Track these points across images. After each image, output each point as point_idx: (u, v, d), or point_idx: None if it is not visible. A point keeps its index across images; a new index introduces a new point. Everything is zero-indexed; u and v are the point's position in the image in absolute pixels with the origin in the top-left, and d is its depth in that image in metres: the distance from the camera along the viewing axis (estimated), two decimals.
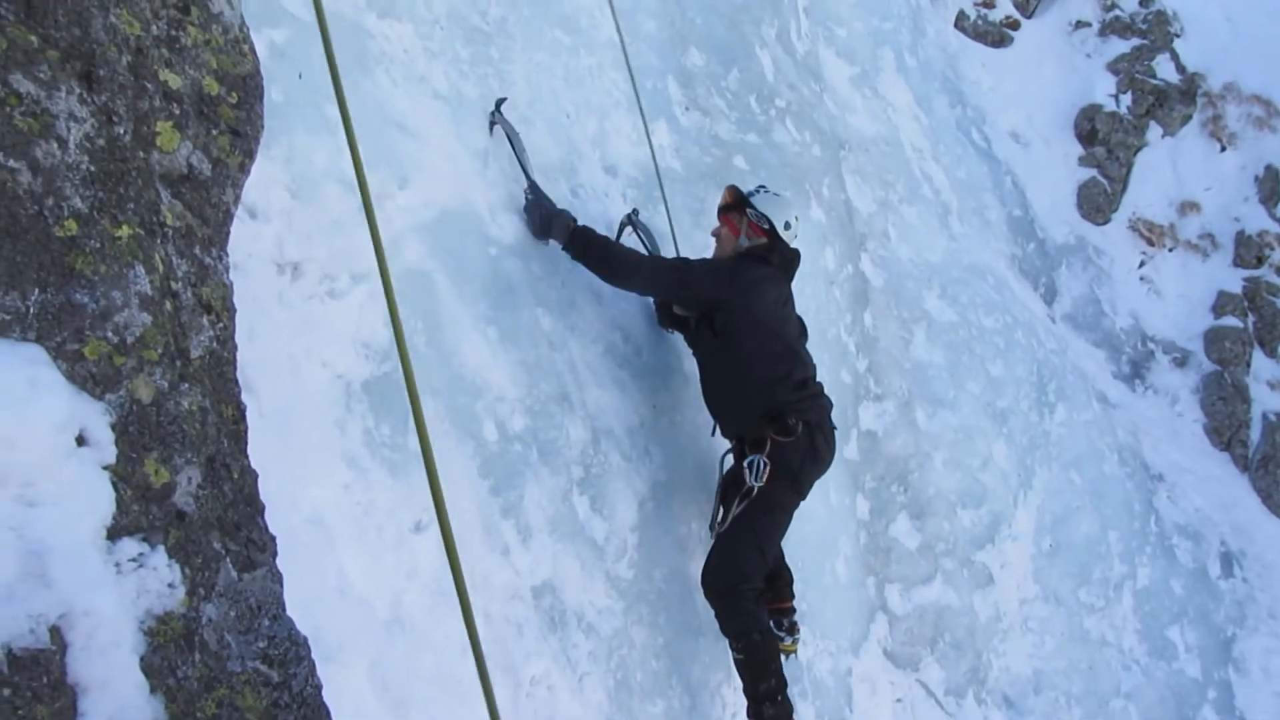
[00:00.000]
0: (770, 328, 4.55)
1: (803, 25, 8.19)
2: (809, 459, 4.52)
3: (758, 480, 4.38)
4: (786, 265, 4.77)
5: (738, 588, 4.42)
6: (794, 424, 4.43)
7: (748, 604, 4.44)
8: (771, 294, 4.60)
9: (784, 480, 4.44)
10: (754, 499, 4.41)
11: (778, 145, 6.64)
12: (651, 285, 4.60)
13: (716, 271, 4.60)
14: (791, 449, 4.43)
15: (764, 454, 4.40)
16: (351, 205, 3.60)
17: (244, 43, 1.95)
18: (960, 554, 7.12)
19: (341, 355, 3.42)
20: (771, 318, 4.57)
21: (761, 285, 4.56)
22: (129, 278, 1.57)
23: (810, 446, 4.51)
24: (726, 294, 4.47)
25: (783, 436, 4.42)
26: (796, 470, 4.48)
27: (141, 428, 1.59)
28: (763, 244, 4.70)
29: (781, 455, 4.41)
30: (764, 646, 4.42)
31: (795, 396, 4.51)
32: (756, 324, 4.49)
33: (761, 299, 4.53)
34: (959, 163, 10.17)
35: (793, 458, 4.44)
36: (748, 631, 4.40)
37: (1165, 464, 9.87)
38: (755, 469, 4.39)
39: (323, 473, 3.21)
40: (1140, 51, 12.47)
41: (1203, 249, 11.81)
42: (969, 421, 7.47)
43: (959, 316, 7.92)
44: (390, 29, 4.26)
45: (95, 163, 1.54)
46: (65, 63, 1.51)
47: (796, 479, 4.51)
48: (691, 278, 4.51)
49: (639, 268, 4.48)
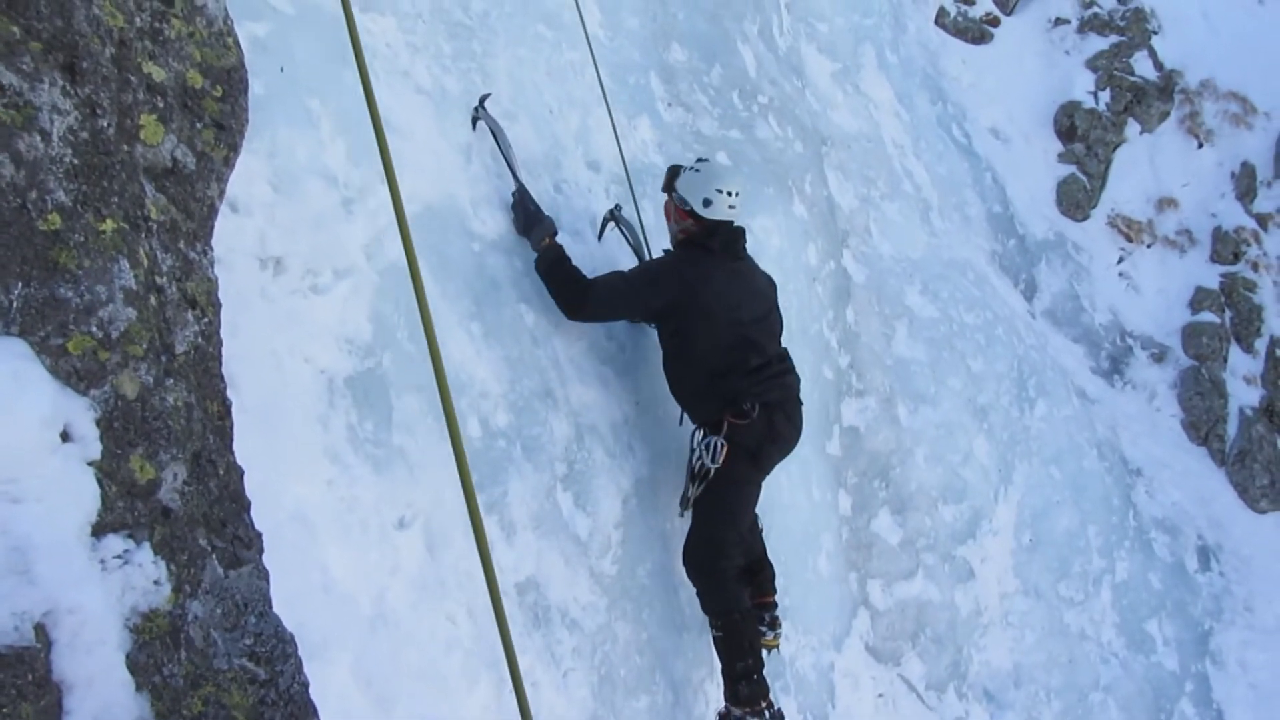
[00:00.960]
0: (723, 319, 4.49)
1: (784, 21, 8.20)
2: (767, 439, 4.55)
3: (714, 462, 4.43)
4: (730, 245, 4.63)
5: (718, 564, 4.48)
6: (749, 408, 4.46)
7: (729, 582, 4.49)
8: (719, 282, 4.51)
9: (743, 460, 4.49)
10: (714, 478, 4.47)
11: (760, 141, 6.65)
12: (614, 309, 4.53)
13: (660, 278, 4.50)
14: (748, 430, 4.47)
15: (720, 435, 4.45)
16: (334, 199, 3.59)
17: (228, 35, 1.94)
18: (941, 549, 7.16)
19: (324, 351, 3.40)
20: (723, 307, 4.49)
21: (709, 277, 4.49)
22: (113, 272, 1.55)
23: (769, 427, 4.53)
24: (675, 297, 4.43)
25: (739, 420, 4.46)
26: (755, 450, 4.52)
27: (126, 424, 1.57)
28: (692, 228, 4.62)
29: (738, 437, 4.46)
30: (743, 625, 4.47)
31: (750, 381, 4.51)
32: (709, 318, 4.47)
33: (709, 290, 4.47)
34: (940, 159, 10.21)
35: (749, 438, 4.48)
36: (728, 610, 4.45)
37: (1144, 459, 9.95)
38: (712, 450, 4.45)
39: (306, 469, 3.19)
40: (1119, 48, 12.56)
41: (1180, 245, 11.90)
42: (950, 417, 7.51)
43: (940, 312, 7.96)
44: (373, 23, 4.24)
45: (79, 156, 1.53)
46: (48, 54, 1.49)
47: (755, 457, 4.54)
48: (638, 294, 4.46)
49: (585, 298, 4.36)
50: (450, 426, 2.09)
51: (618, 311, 4.58)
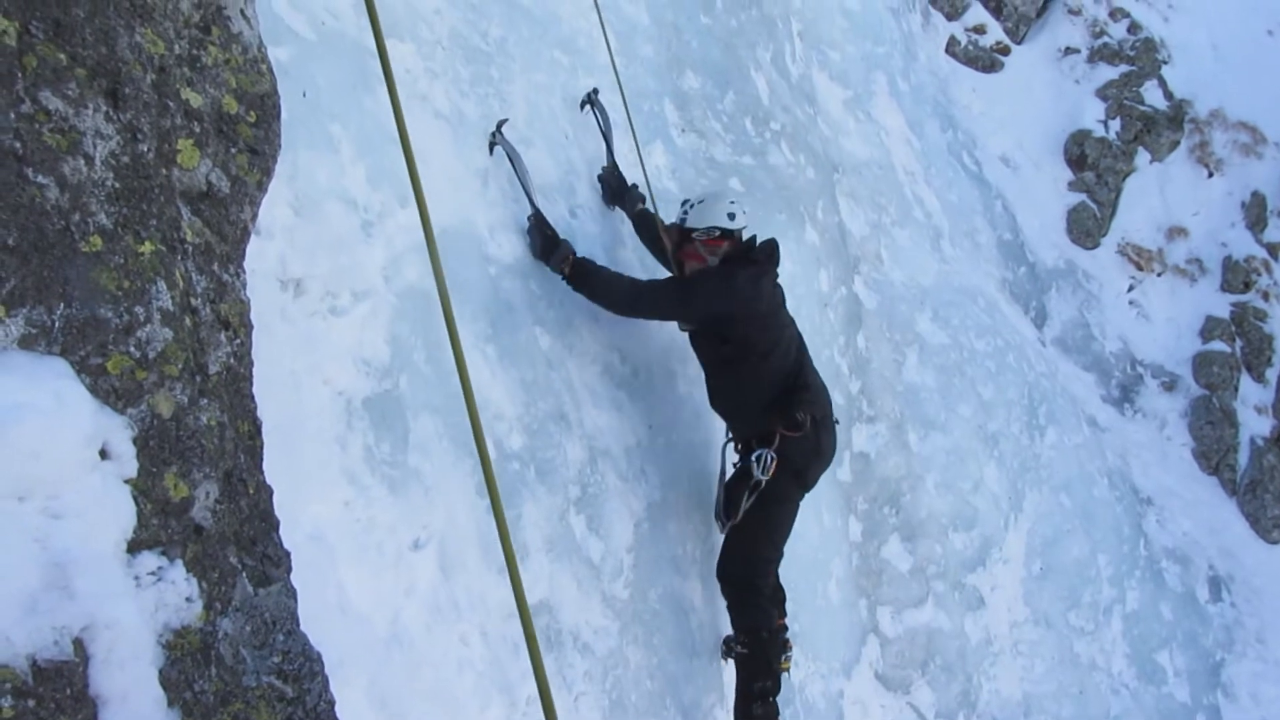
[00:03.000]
0: (776, 327, 4.60)
1: (797, 49, 8.27)
2: (814, 455, 4.59)
3: (764, 474, 4.43)
4: (770, 256, 4.72)
5: (754, 582, 4.53)
6: (802, 419, 4.48)
7: (764, 600, 4.54)
8: (768, 291, 4.62)
9: (789, 474, 4.52)
10: (762, 492, 4.48)
11: (772, 168, 6.69)
12: (654, 310, 4.60)
13: (716, 286, 4.53)
14: (798, 445, 4.50)
15: (771, 448, 4.46)
16: (354, 222, 3.62)
17: (262, 62, 1.98)
18: (951, 577, 7.14)
19: (342, 372, 3.43)
20: (775, 316, 4.62)
21: (759, 285, 4.56)
22: (151, 293, 1.58)
23: (816, 442, 4.57)
24: (730, 306, 4.48)
25: (791, 432, 4.47)
26: (802, 466, 4.55)
27: (162, 442, 1.60)
28: (729, 249, 4.65)
29: (788, 450, 4.48)
30: (769, 646, 4.50)
31: (804, 391, 4.57)
32: (765, 327, 4.55)
33: (762, 300, 4.55)
34: (950, 186, 10.25)
35: (798, 453, 4.51)
36: (758, 628, 4.49)
37: (1154, 488, 9.93)
38: (762, 463, 4.45)
39: (324, 489, 3.21)
40: (1129, 78, 12.63)
41: (1190, 274, 11.92)
42: (960, 444, 7.51)
43: (951, 339, 7.98)
44: (393, 49, 4.27)
45: (120, 179, 1.56)
46: (92, 81, 1.53)
47: (801, 474, 4.58)
48: (693, 297, 4.52)
49: (639, 296, 4.48)
50: (482, 457, 2.10)
51: (673, 313, 4.60)
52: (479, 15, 4.79)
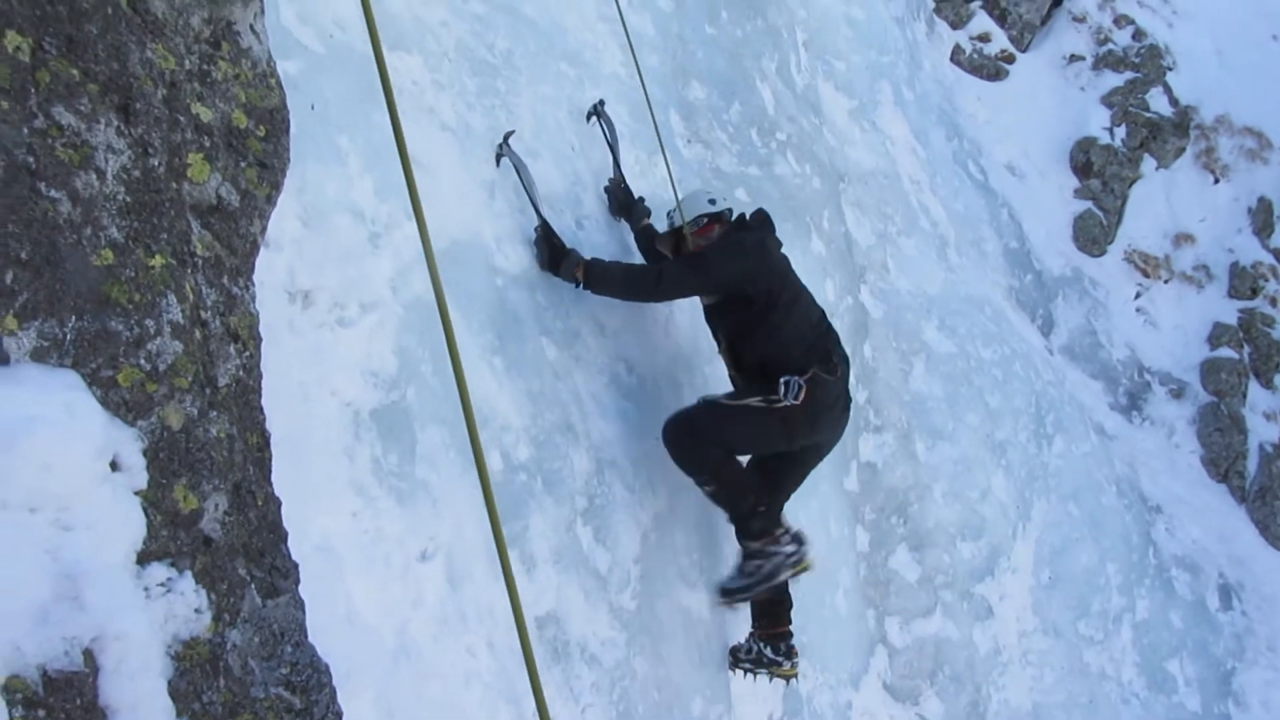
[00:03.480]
0: (794, 283, 4.66)
1: (802, 59, 8.29)
2: (839, 405, 4.54)
3: (793, 398, 4.30)
4: (763, 223, 4.82)
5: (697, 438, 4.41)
6: (836, 362, 4.47)
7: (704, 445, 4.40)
8: (775, 250, 4.71)
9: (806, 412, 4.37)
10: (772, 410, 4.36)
11: (778, 178, 6.71)
12: (676, 288, 4.59)
13: (726, 249, 4.59)
14: (828, 387, 4.42)
15: (804, 378, 4.35)
16: (361, 234, 3.64)
17: (271, 76, 1.99)
18: (960, 586, 7.12)
19: (350, 383, 3.44)
20: (788, 273, 4.68)
21: (764, 244, 4.66)
22: (161, 306, 1.60)
23: (844, 393, 4.55)
24: (745, 263, 4.51)
25: (827, 374, 4.42)
26: (824, 407, 4.44)
27: (171, 454, 1.61)
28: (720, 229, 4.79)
29: (816, 388, 4.37)
30: (727, 467, 4.43)
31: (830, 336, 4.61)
32: (783, 279, 4.60)
33: (771, 255, 4.64)
34: (956, 195, 10.25)
35: (825, 395, 4.41)
36: (711, 458, 4.40)
37: (1163, 495, 9.90)
38: (791, 388, 4.32)
39: (332, 501, 3.22)
40: (1134, 85, 12.63)
41: (1198, 280, 11.90)
42: (968, 453, 7.50)
43: (957, 348, 7.97)
44: (400, 61, 4.31)
45: (131, 193, 1.58)
46: (104, 96, 1.54)
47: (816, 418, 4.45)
48: (709, 264, 4.52)
49: (659, 277, 4.52)
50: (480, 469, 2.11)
51: (696, 284, 4.59)
52: (486, 28, 4.82)
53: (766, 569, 4.40)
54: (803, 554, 4.44)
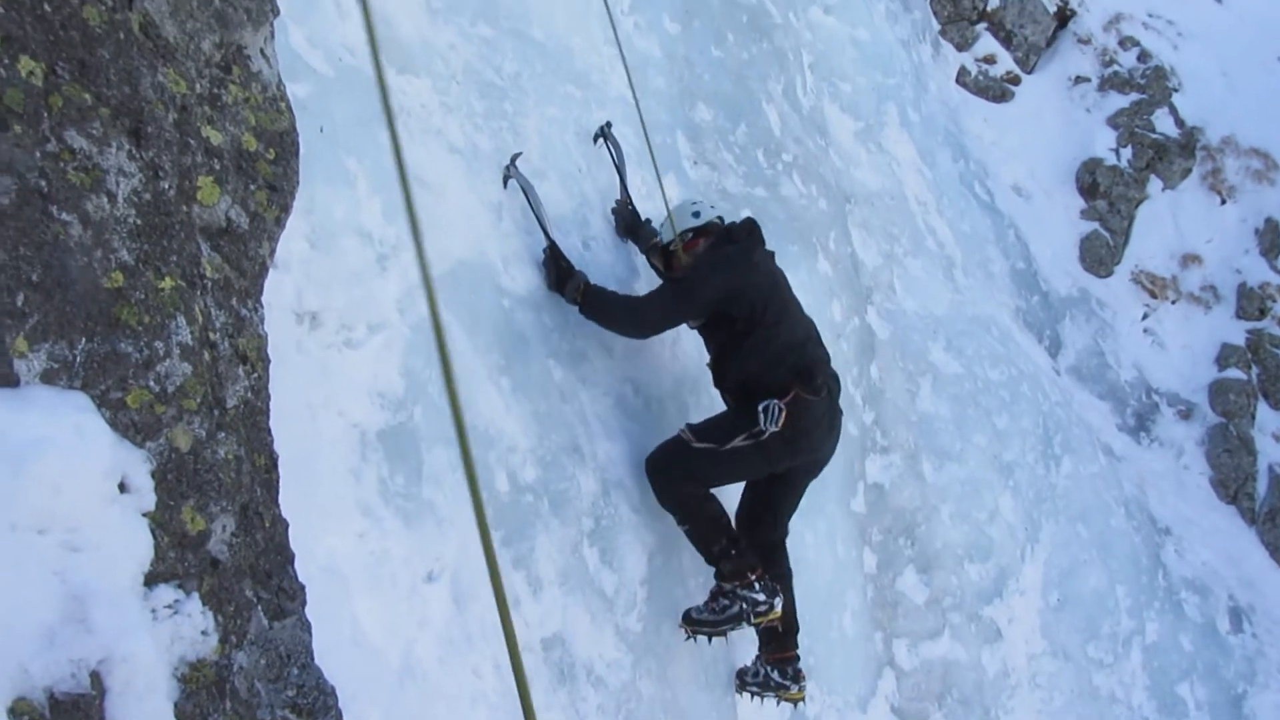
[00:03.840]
0: (780, 299, 4.58)
1: (808, 81, 8.32)
2: (824, 426, 4.49)
3: (773, 424, 4.26)
4: (752, 233, 4.76)
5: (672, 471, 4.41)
6: (820, 383, 4.42)
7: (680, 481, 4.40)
8: (763, 263, 4.64)
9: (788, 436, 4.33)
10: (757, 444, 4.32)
11: (785, 199, 6.72)
12: (664, 317, 4.56)
13: (707, 269, 4.53)
14: (811, 408, 4.38)
15: (784, 401, 4.30)
16: (369, 256, 3.65)
17: (281, 100, 2.01)
18: (968, 608, 7.08)
19: (357, 404, 3.44)
20: (776, 287, 4.61)
21: (749, 256, 4.60)
22: (171, 328, 1.60)
23: (830, 412, 4.50)
24: (728, 282, 4.46)
25: (809, 394, 4.37)
26: (805, 429, 4.38)
27: (179, 475, 1.62)
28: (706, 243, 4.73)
29: (798, 409, 4.33)
30: (705, 507, 4.41)
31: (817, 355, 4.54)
32: (768, 295, 4.52)
33: (756, 270, 4.56)
34: (962, 216, 10.26)
35: (807, 416, 4.36)
36: (687, 498, 4.39)
37: (1172, 517, 9.85)
38: (771, 414, 4.27)
39: (338, 521, 3.22)
40: (1139, 106, 12.65)
41: (1205, 301, 11.87)
42: (975, 474, 7.47)
43: (964, 369, 7.96)
44: (408, 84, 4.34)
45: (141, 216, 1.59)
46: (116, 119, 1.56)
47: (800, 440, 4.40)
48: (691, 288, 4.49)
49: (643, 308, 4.52)
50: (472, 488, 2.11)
51: (680, 313, 4.55)
52: (493, 50, 4.85)
53: (733, 610, 4.38)
54: (772, 605, 4.40)
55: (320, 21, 3.88)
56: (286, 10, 2.99)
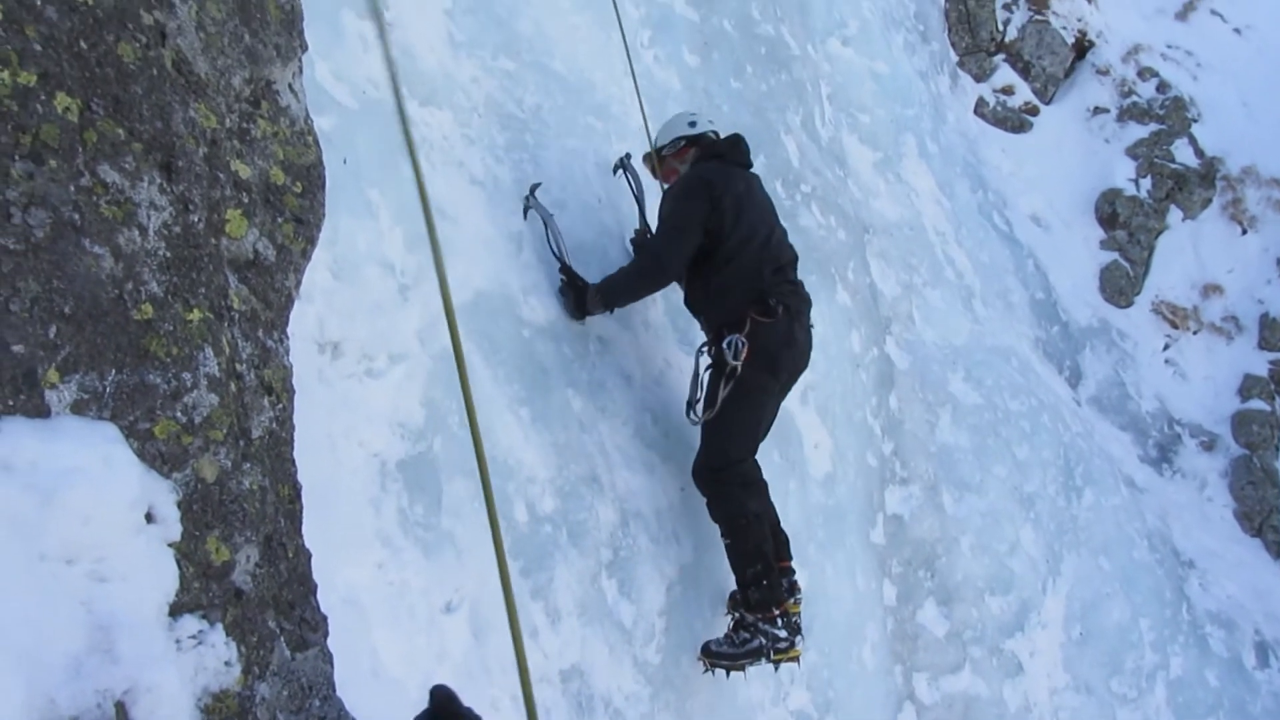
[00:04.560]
0: (753, 215, 4.66)
1: (826, 112, 8.36)
2: (785, 344, 4.55)
3: (736, 359, 4.39)
4: (735, 150, 4.88)
5: (724, 472, 4.45)
6: (774, 305, 4.49)
7: (735, 489, 4.45)
8: (741, 183, 4.71)
9: (762, 363, 4.46)
10: (736, 381, 4.42)
11: (803, 229, 6.74)
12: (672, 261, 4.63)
13: (694, 190, 4.64)
14: (769, 331, 4.47)
15: (742, 333, 4.43)
16: (391, 286, 3.68)
17: (308, 134, 2.04)
18: (989, 642, 7.01)
19: (377, 434, 3.46)
20: (751, 204, 4.68)
21: (731, 176, 4.69)
22: (199, 359, 1.62)
23: (789, 332, 4.56)
24: (713, 199, 4.56)
25: (763, 317, 4.47)
26: (774, 353, 4.50)
27: (205, 506, 1.63)
28: (696, 154, 4.91)
29: (759, 336, 4.45)
30: (751, 530, 4.41)
31: (776, 281, 4.59)
32: (741, 213, 4.60)
33: (735, 188, 4.64)
34: (981, 246, 10.25)
35: (770, 340, 4.47)
36: (735, 515, 4.42)
37: (1196, 550, 9.73)
38: (734, 347, 4.42)
39: (358, 552, 3.22)
40: (1158, 136, 12.63)
41: (1227, 332, 11.79)
42: (996, 506, 7.41)
43: (984, 399, 7.92)
44: (430, 116, 4.38)
45: (171, 249, 1.61)
46: (148, 154, 1.58)
47: (774, 362, 4.52)
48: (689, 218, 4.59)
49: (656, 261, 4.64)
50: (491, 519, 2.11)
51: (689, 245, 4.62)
52: (515, 83, 4.89)
53: (753, 645, 4.36)
54: (794, 643, 4.39)
55: (345, 56, 3.93)
56: (313, 45, 3.03)
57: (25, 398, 1.40)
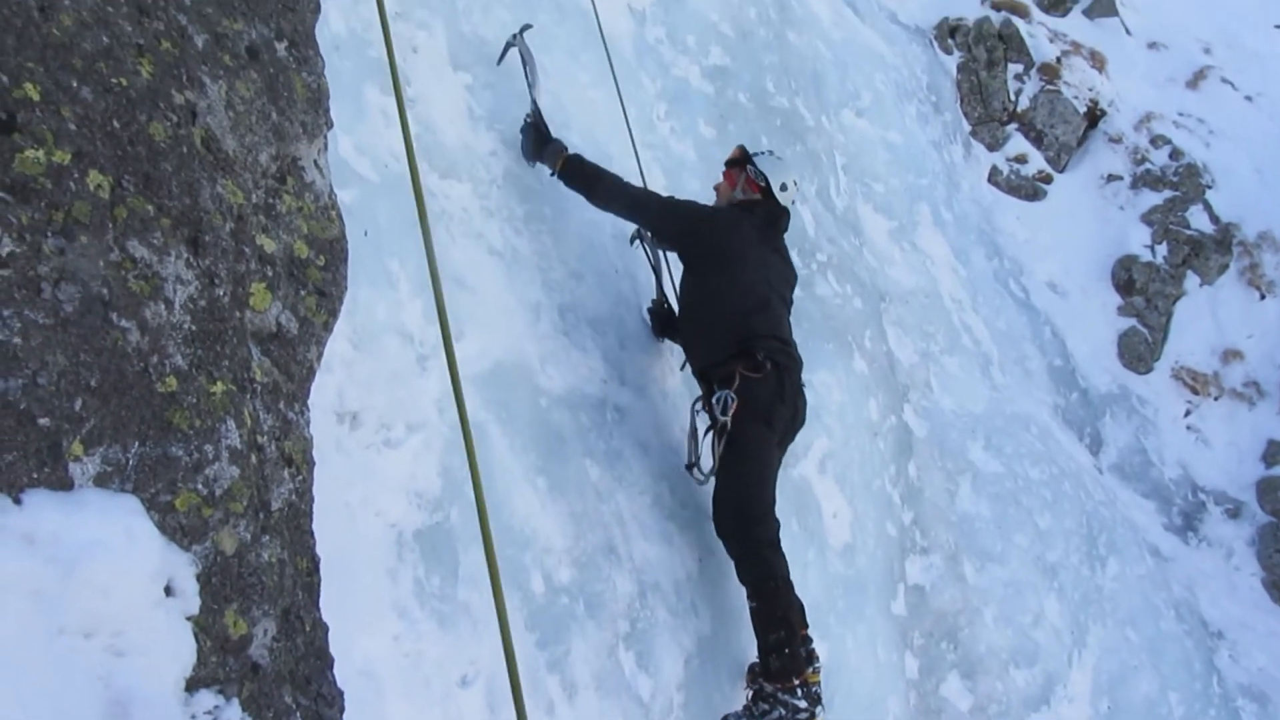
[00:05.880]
0: (745, 264, 4.71)
1: (841, 182, 8.44)
2: (776, 398, 4.54)
3: (725, 414, 4.42)
4: (771, 217, 4.97)
5: (750, 531, 4.39)
6: (762, 359, 4.50)
7: (764, 550, 4.39)
8: (749, 234, 4.79)
9: (754, 416, 4.46)
10: (730, 436, 4.43)
11: (820, 298, 6.76)
12: (637, 211, 4.84)
13: (700, 210, 4.85)
14: (760, 386, 4.48)
15: (732, 389, 4.46)
16: (410, 356, 3.71)
17: (332, 209, 2.07)
18: (1014, 716, 6.85)
19: (395, 504, 3.45)
20: (747, 255, 4.73)
21: (740, 225, 4.78)
22: (221, 432, 1.63)
23: (779, 387, 4.55)
24: (707, 229, 4.72)
25: (751, 373, 4.48)
26: (766, 405, 4.49)
27: (224, 579, 1.62)
28: (756, 199, 4.98)
29: (750, 391, 4.45)
30: (778, 595, 4.33)
31: (767, 335, 4.61)
32: (730, 257, 4.68)
33: (737, 236, 4.73)
34: (998, 313, 10.25)
35: (760, 393, 4.48)
36: (765, 578, 4.34)
37: (1224, 620, 9.54)
38: (723, 403, 4.45)
39: (374, 623, 3.20)
40: (1173, 203, 12.67)
41: (1249, 397, 11.69)
42: (1019, 575, 7.30)
43: (1004, 467, 7.85)
44: (450, 188, 4.45)
45: (196, 322, 1.63)
46: (176, 229, 1.61)
47: (768, 414, 4.51)
48: (681, 210, 4.77)
49: (627, 193, 4.78)
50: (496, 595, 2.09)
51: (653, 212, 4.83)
52: None
53: (772, 716, 4.28)
54: (814, 713, 4.31)
55: (368, 130, 4.01)
56: (337, 119, 3.10)
57: (50, 470, 1.41)
